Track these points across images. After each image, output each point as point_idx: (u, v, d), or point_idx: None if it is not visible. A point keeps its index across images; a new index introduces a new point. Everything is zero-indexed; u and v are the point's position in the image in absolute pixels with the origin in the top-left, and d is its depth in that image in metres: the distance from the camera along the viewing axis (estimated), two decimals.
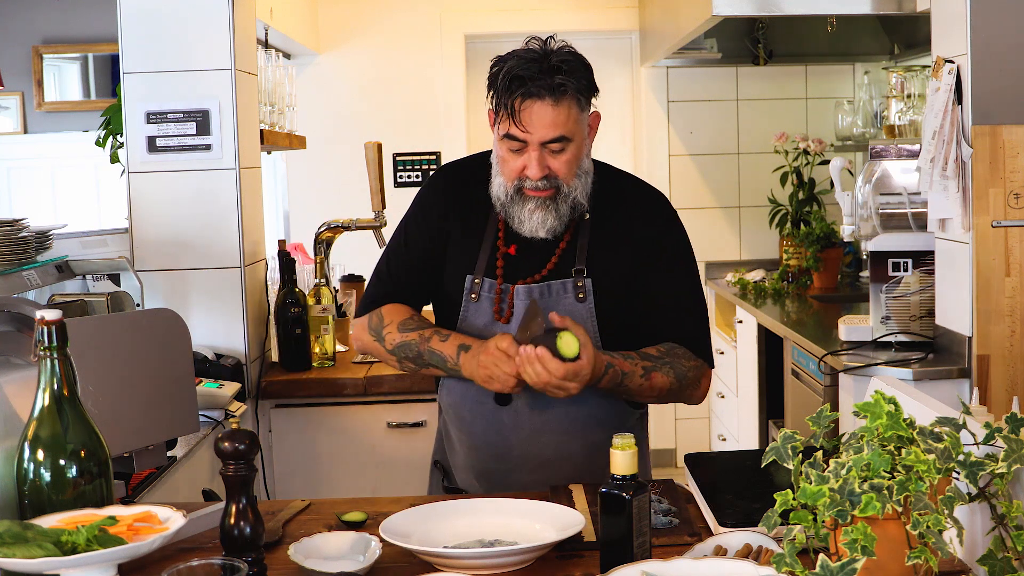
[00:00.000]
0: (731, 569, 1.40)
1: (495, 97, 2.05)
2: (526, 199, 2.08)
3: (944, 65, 2.89)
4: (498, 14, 5.66)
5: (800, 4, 4.06)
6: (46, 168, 6.33)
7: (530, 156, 2.05)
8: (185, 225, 3.12)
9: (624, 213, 2.17)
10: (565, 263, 2.13)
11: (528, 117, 2.02)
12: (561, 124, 2.03)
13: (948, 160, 2.86)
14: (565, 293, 2.12)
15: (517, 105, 2.02)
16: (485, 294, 2.13)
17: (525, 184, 2.07)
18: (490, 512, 1.79)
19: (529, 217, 2.09)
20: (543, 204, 2.08)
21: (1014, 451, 1.31)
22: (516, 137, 2.04)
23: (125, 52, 3.10)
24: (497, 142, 2.10)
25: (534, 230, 2.09)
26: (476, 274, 2.14)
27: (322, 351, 3.38)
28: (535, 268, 2.14)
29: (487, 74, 2.09)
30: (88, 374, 1.89)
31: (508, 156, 2.08)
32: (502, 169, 2.10)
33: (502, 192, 2.10)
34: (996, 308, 2.85)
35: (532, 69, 2.02)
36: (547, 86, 2.01)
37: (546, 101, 2.02)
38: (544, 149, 2.05)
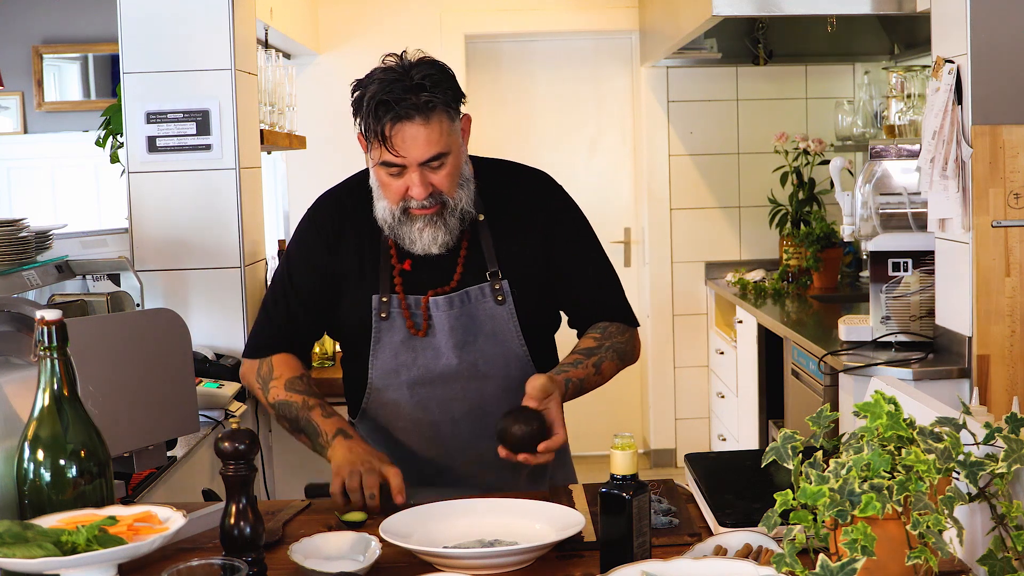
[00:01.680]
0: (731, 569, 1.40)
1: (363, 124, 2.01)
2: (413, 219, 2.05)
3: (944, 65, 2.89)
4: (498, 14, 5.66)
5: (800, 4, 4.06)
6: (46, 168, 6.33)
7: (411, 177, 2.01)
8: (185, 225, 3.12)
9: (516, 203, 2.17)
10: (473, 267, 2.12)
11: (401, 141, 1.98)
12: (435, 141, 2.00)
13: (948, 160, 2.86)
14: (483, 298, 2.11)
15: (388, 131, 1.98)
16: (395, 310, 2.10)
17: (411, 204, 2.04)
18: (490, 512, 1.79)
19: (419, 236, 2.06)
20: (431, 221, 2.05)
21: (1014, 451, 1.31)
22: (392, 163, 2.01)
23: (125, 52, 3.10)
24: (373, 168, 2.06)
25: (426, 247, 2.07)
26: (382, 293, 2.11)
27: (322, 351, 3.38)
28: (441, 277, 2.11)
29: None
30: (88, 374, 1.89)
31: (387, 180, 2.04)
32: (384, 193, 2.06)
33: (388, 215, 2.07)
34: (996, 308, 2.85)
35: (396, 90, 1.98)
36: (414, 106, 1.98)
37: (416, 121, 1.98)
38: (424, 167, 2.01)
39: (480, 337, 2.10)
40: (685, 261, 5.71)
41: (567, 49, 5.88)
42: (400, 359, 2.11)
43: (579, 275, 2.18)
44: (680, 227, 5.69)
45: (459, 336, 2.09)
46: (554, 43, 5.87)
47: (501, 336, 2.11)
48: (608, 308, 2.20)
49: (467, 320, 2.10)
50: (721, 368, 5.43)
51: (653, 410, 5.88)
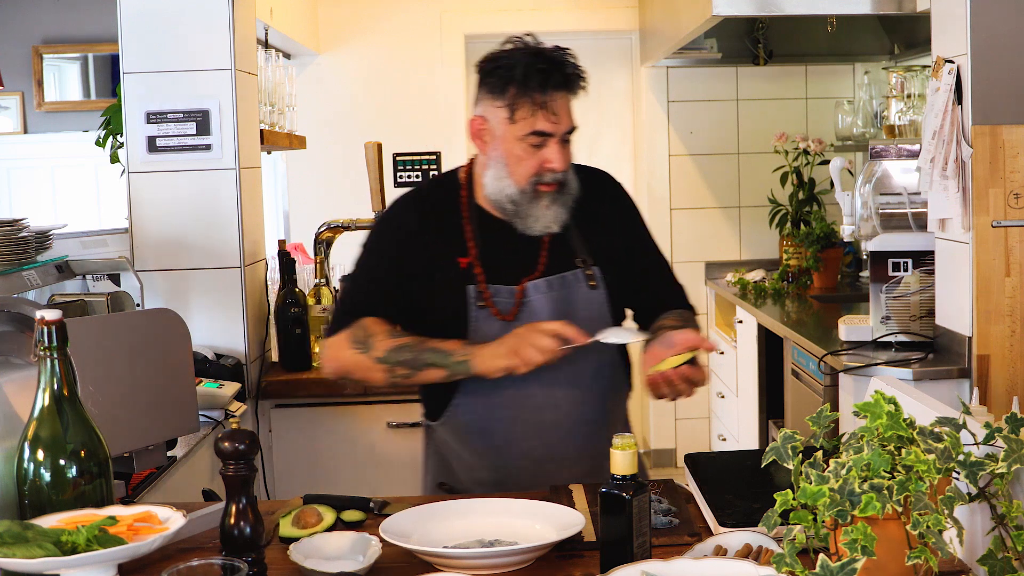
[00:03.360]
0: (731, 569, 1.40)
1: (515, 95, 2.05)
2: (540, 196, 2.11)
3: (944, 65, 2.89)
4: (498, 14, 5.66)
5: (800, 4, 4.05)
6: (46, 168, 6.33)
7: (553, 149, 2.08)
8: (185, 225, 3.12)
9: (592, 198, 2.21)
10: (558, 255, 2.15)
11: (555, 109, 2.06)
12: (572, 115, 2.10)
13: (948, 160, 2.86)
14: (578, 283, 2.15)
15: (546, 98, 2.05)
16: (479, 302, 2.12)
17: (544, 179, 2.09)
18: (490, 512, 1.79)
19: (544, 213, 2.11)
20: (555, 199, 2.11)
21: (1014, 451, 1.31)
22: (544, 132, 2.06)
23: (125, 52, 3.10)
24: (513, 142, 2.08)
25: (548, 225, 2.13)
26: (476, 282, 2.13)
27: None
28: (526, 265, 2.14)
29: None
30: (88, 374, 1.89)
31: (526, 154, 2.08)
32: (514, 170, 2.09)
33: (514, 193, 2.11)
34: (996, 308, 2.85)
35: (548, 61, 2.06)
36: (567, 77, 2.06)
37: (566, 92, 2.08)
38: (562, 141, 2.09)
39: (576, 321, 2.07)
40: (685, 261, 5.70)
41: None
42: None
43: (653, 270, 2.28)
44: (680, 227, 5.69)
45: (558, 319, 2.08)
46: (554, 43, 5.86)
47: (596, 321, 2.12)
48: (679, 300, 2.28)
49: (564, 304, 2.13)
50: (721, 368, 5.43)
51: (653, 410, 5.88)
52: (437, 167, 5.69)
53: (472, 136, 2.15)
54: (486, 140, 2.12)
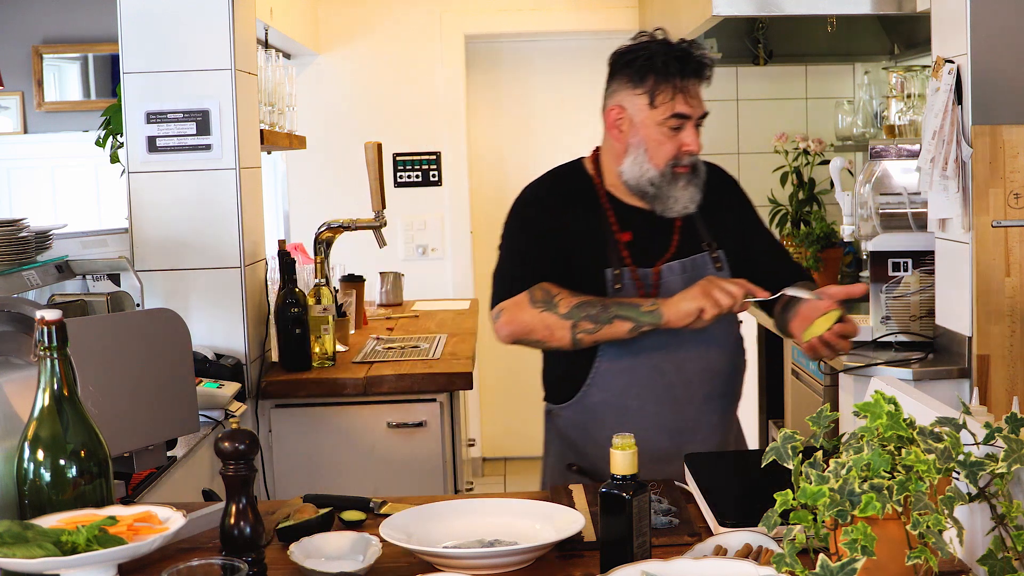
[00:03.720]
0: (731, 569, 1.40)
1: (656, 81, 2.20)
2: (678, 178, 2.25)
3: (944, 65, 2.89)
4: (498, 14, 5.66)
5: (800, 4, 4.05)
6: (46, 168, 6.32)
7: (690, 132, 2.24)
8: (185, 225, 3.12)
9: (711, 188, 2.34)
10: (687, 239, 2.30)
11: (693, 93, 2.23)
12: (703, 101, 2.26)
13: (948, 160, 2.86)
14: (706, 265, 2.29)
15: (686, 83, 2.21)
16: (627, 281, 2.24)
17: (681, 162, 2.24)
18: (490, 512, 1.79)
19: (682, 194, 2.25)
20: (690, 180, 2.26)
21: (1014, 451, 1.31)
22: (683, 114, 2.21)
23: (125, 52, 3.10)
24: (652, 126, 2.22)
25: (685, 206, 2.26)
26: (614, 266, 2.24)
27: (322, 351, 3.38)
28: (660, 248, 2.28)
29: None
30: (88, 374, 1.89)
31: (664, 138, 2.23)
32: (654, 154, 2.23)
33: (654, 176, 2.25)
34: (996, 308, 2.85)
35: (681, 51, 2.21)
36: (701, 65, 2.23)
37: (700, 79, 2.24)
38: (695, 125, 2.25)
39: None
40: None
41: (567, 49, 5.88)
42: None
43: (768, 248, 2.43)
44: None
45: None
46: (554, 43, 5.87)
47: None
48: (795, 272, 2.40)
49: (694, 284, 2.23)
50: None
51: None
52: (437, 167, 5.69)
53: (608, 126, 2.29)
54: (623, 128, 2.26)
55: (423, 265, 5.70)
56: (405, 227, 5.69)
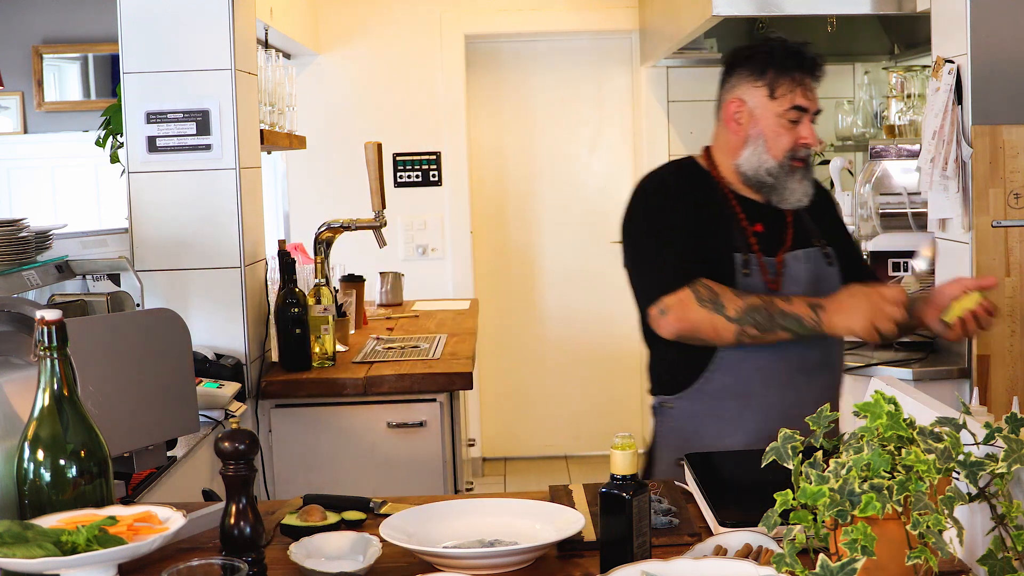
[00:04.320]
0: (731, 569, 1.40)
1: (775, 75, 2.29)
2: (795, 171, 2.32)
3: (944, 65, 2.89)
4: (498, 14, 5.66)
5: (800, 4, 4.05)
6: (46, 168, 6.32)
7: (807, 126, 2.31)
8: (185, 225, 3.12)
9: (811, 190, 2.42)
10: (801, 233, 2.37)
11: (810, 88, 2.31)
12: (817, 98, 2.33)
13: (948, 160, 2.86)
14: (819, 259, 2.36)
15: (804, 79, 2.30)
16: (754, 268, 2.30)
17: (799, 154, 2.31)
18: (490, 512, 1.79)
19: (798, 187, 2.32)
20: (805, 174, 2.34)
21: (1014, 451, 1.31)
22: (801, 107, 2.29)
23: (125, 52, 3.10)
24: (772, 118, 2.30)
25: (799, 199, 2.33)
26: (742, 252, 2.30)
27: (322, 351, 3.38)
28: (779, 240, 2.35)
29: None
30: (88, 374, 1.89)
31: (782, 131, 2.30)
32: (772, 145, 2.31)
33: (773, 168, 2.32)
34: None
35: (796, 49, 2.31)
36: (813, 63, 2.32)
37: (815, 76, 2.33)
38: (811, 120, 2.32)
39: (823, 292, 2.28)
40: None
41: (567, 49, 5.88)
42: None
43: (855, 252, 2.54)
44: None
45: (811, 289, 2.31)
46: (554, 43, 5.87)
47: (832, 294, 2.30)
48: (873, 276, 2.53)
49: (813, 276, 2.34)
50: None
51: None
52: (437, 167, 5.69)
53: (726, 119, 2.38)
54: (742, 121, 2.35)
55: (423, 265, 5.70)
56: (405, 227, 5.69)
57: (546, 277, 5.95)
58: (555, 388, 6.03)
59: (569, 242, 5.92)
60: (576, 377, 6.03)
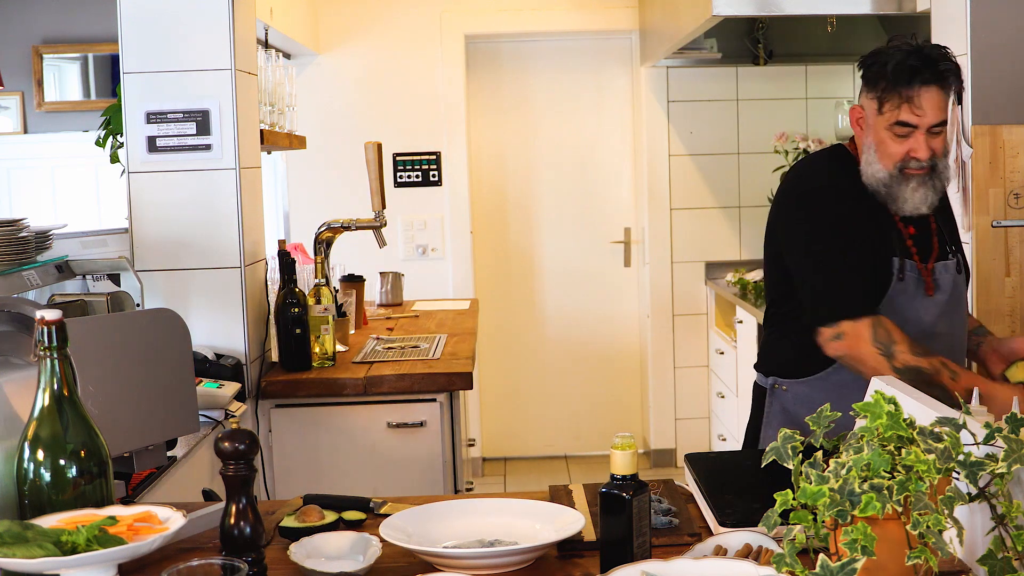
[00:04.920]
0: (731, 569, 1.40)
1: (883, 87, 2.27)
2: (908, 178, 2.30)
3: None
4: (498, 14, 5.66)
5: (800, 4, 4.06)
6: (46, 168, 6.32)
7: (918, 139, 2.28)
8: (185, 225, 3.12)
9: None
10: (943, 241, 2.40)
11: (921, 103, 2.26)
12: (944, 108, 2.29)
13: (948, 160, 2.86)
14: (955, 268, 2.39)
15: (914, 92, 2.26)
16: (909, 273, 2.32)
17: (909, 165, 2.29)
18: (490, 512, 1.79)
19: (912, 195, 2.31)
20: (924, 181, 2.31)
21: (1014, 451, 1.31)
22: (908, 123, 2.27)
23: (125, 52, 3.10)
24: (881, 130, 2.30)
25: (917, 207, 2.33)
26: (900, 255, 2.33)
27: (322, 351, 3.38)
28: (929, 246, 2.38)
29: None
30: (88, 374, 1.89)
31: (892, 142, 2.29)
32: (882, 156, 2.31)
33: (883, 176, 2.32)
34: (996, 308, 2.85)
35: (921, 58, 2.26)
36: (937, 73, 2.26)
37: (935, 88, 2.27)
38: (928, 132, 2.28)
39: (956, 303, 2.38)
40: (685, 261, 5.71)
41: (567, 49, 5.88)
42: (906, 315, 2.32)
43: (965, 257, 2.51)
44: (680, 227, 5.69)
45: (953, 297, 2.36)
46: (554, 43, 5.87)
47: (963, 302, 2.41)
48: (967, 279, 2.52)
49: (955, 287, 2.38)
50: (721, 368, 5.43)
51: (653, 410, 5.88)
52: (437, 167, 5.70)
53: (852, 123, 2.41)
54: (862, 127, 2.37)
55: (423, 265, 5.70)
56: (405, 227, 5.70)
57: (546, 277, 5.95)
58: (555, 388, 6.03)
59: (569, 242, 5.92)
60: (576, 377, 6.03)
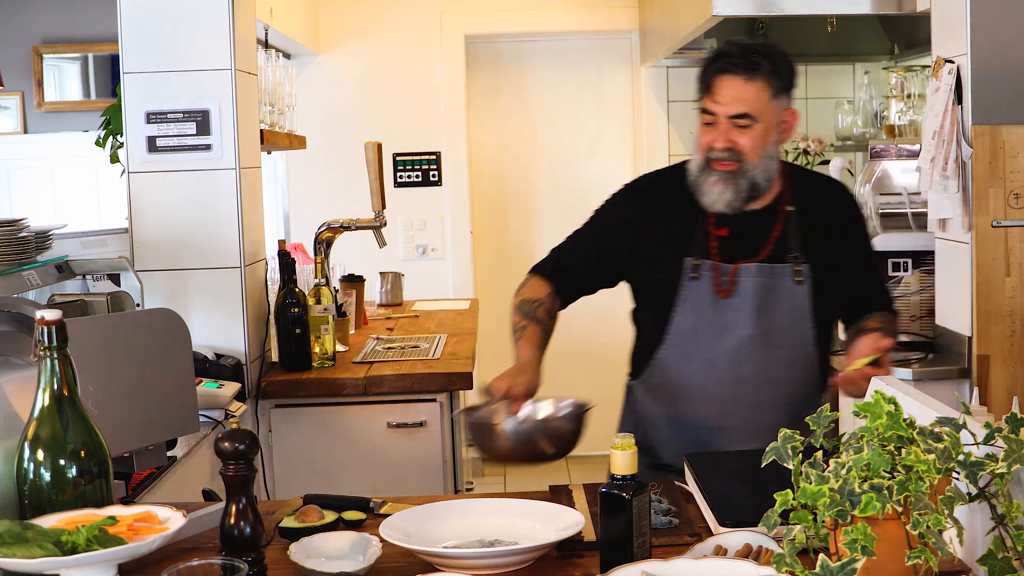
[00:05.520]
0: (731, 569, 1.40)
1: (699, 77, 2.27)
2: (711, 172, 2.26)
3: (944, 65, 2.89)
4: (498, 14, 5.66)
5: (800, 4, 4.05)
6: (46, 168, 6.32)
7: (719, 129, 2.23)
8: (185, 225, 3.12)
9: (825, 205, 2.36)
10: (780, 249, 2.30)
11: (719, 91, 2.22)
12: (747, 100, 2.21)
13: (948, 160, 2.86)
14: (785, 276, 2.29)
15: (711, 80, 2.23)
16: (705, 273, 2.28)
17: (713, 156, 2.24)
18: (490, 512, 1.79)
19: (711, 189, 2.26)
20: (726, 178, 2.25)
21: (1014, 451, 1.31)
22: (708, 110, 2.24)
23: (125, 52, 3.10)
24: (699, 121, 2.29)
25: (713, 202, 2.26)
26: (696, 256, 2.29)
27: (322, 351, 3.38)
28: (750, 251, 2.30)
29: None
30: (88, 374, 1.89)
31: (702, 131, 2.26)
32: (697, 143, 2.29)
33: (695, 165, 2.29)
34: (996, 308, 2.85)
35: (733, 48, 2.23)
36: (742, 63, 2.21)
37: (738, 76, 2.21)
38: (731, 123, 2.22)
39: (776, 310, 2.28)
40: None
41: (567, 49, 5.88)
42: (701, 318, 2.28)
43: (869, 279, 2.42)
44: None
45: (759, 303, 2.27)
46: (554, 43, 5.87)
47: (796, 314, 2.29)
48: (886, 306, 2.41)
49: (768, 291, 2.28)
50: None
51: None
52: (437, 167, 5.69)
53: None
54: None
55: (423, 265, 5.70)
56: (405, 227, 5.69)
57: None
58: (555, 388, 6.02)
59: None
60: (576, 377, 6.03)
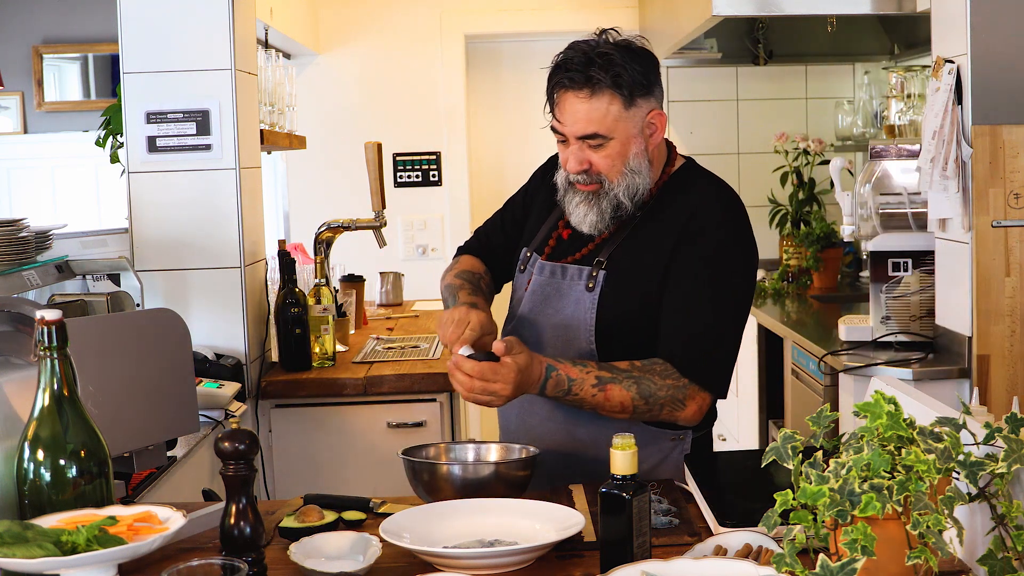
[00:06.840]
0: (731, 569, 1.41)
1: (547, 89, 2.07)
2: (575, 192, 2.11)
3: (944, 65, 2.89)
4: (498, 14, 5.66)
5: (800, 4, 4.06)
6: (46, 168, 6.32)
7: (569, 150, 2.06)
8: (185, 225, 3.12)
9: (672, 212, 2.12)
10: (594, 253, 2.15)
11: (563, 110, 2.03)
12: (595, 120, 2.01)
13: (948, 160, 2.86)
14: (579, 279, 2.13)
15: (555, 96, 2.04)
16: (528, 267, 2.24)
17: (570, 178, 2.09)
18: (490, 512, 1.79)
19: (575, 209, 2.12)
20: (587, 199, 2.09)
21: (1014, 451, 1.31)
22: (556, 130, 2.07)
23: (125, 52, 3.10)
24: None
25: (578, 223, 2.13)
26: (530, 248, 2.25)
27: (322, 351, 3.38)
28: (572, 252, 2.19)
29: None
30: (88, 374, 1.89)
31: (559, 148, 2.10)
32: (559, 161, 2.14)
33: (561, 182, 2.14)
34: (996, 308, 2.85)
35: (574, 58, 2.03)
36: (582, 79, 2.00)
37: (580, 93, 2.01)
38: (583, 143, 2.04)
39: (555, 310, 2.15)
40: None
41: None
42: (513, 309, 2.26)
43: (672, 311, 2.07)
44: None
45: (537, 301, 2.17)
46: (554, 43, 5.85)
47: (577, 319, 2.12)
48: (674, 354, 2.05)
49: (552, 291, 2.16)
50: None
51: None
52: (437, 167, 5.69)
53: None
54: None
55: (423, 265, 5.70)
56: (405, 227, 5.69)
57: None
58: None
59: None
60: None
